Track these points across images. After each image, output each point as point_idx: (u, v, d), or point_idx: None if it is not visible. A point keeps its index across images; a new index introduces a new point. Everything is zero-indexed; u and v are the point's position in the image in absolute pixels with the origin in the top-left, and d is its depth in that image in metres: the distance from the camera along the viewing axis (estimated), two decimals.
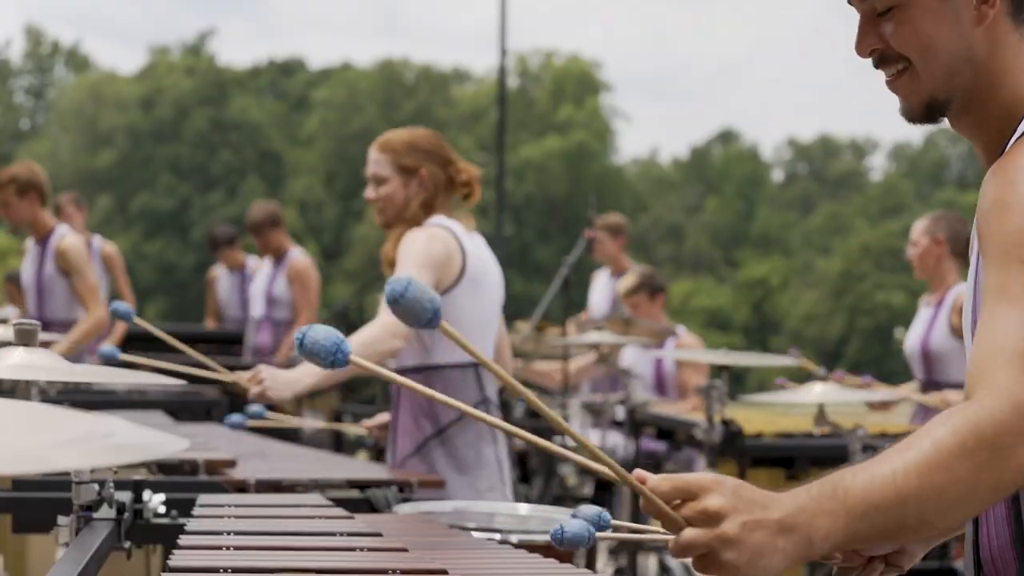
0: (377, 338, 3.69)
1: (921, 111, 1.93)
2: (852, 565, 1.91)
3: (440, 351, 3.95)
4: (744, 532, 1.52)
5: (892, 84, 1.94)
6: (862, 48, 1.94)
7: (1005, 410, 1.59)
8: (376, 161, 4.06)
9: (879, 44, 1.92)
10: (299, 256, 8.49)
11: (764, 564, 1.53)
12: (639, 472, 1.57)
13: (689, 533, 1.53)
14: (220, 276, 9.93)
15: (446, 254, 3.91)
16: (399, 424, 4.00)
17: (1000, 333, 1.67)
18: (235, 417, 4.00)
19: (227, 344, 9.02)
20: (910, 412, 5.98)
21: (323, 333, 1.59)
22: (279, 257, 8.43)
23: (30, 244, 6.96)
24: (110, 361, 3.80)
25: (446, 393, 4.01)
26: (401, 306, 1.56)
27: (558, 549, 1.74)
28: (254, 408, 3.98)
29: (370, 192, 4.10)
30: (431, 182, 4.02)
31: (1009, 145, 1.85)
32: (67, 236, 6.81)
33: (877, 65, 1.94)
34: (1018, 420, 1.58)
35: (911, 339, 5.87)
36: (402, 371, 3.92)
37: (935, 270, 5.76)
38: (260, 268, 8.76)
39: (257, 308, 8.43)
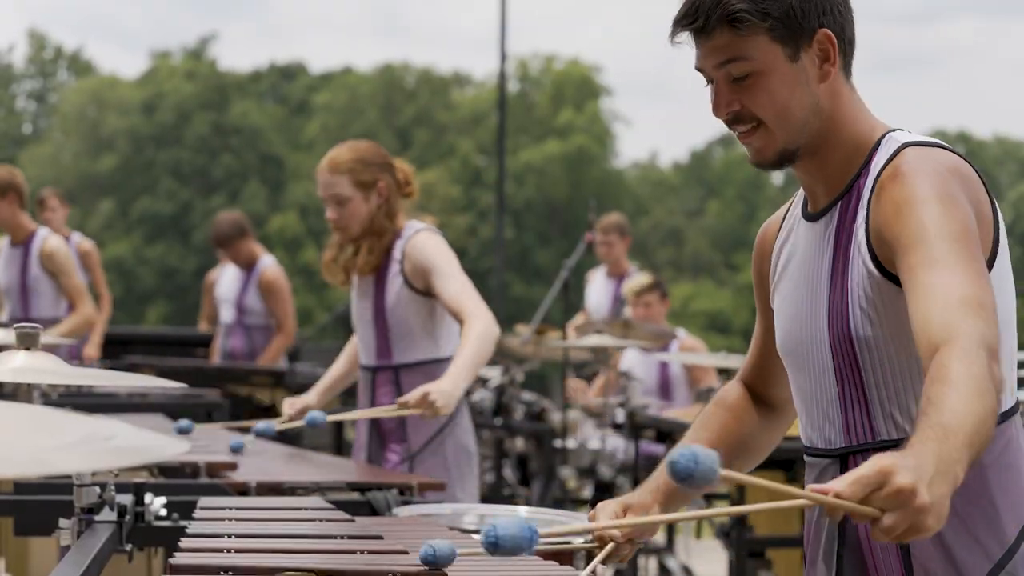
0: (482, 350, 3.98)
1: (774, 161, 2.16)
2: (612, 549, 2.22)
3: (445, 345, 4.24)
4: (933, 495, 1.63)
5: (745, 138, 2.17)
6: (720, 111, 2.16)
7: (980, 343, 1.82)
8: (332, 183, 4.23)
9: (736, 107, 2.14)
10: (270, 266, 8.28)
11: (945, 512, 1.66)
12: (816, 487, 1.67)
13: (890, 518, 1.63)
14: (219, 279, 9.89)
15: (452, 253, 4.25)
16: (408, 424, 4.22)
17: (946, 287, 1.88)
18: (261, 426, 4.09)
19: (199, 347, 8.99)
20: None
21: (514, 527, 1.80)
22: (249, 266, 8.32)
23: (4, 246, 6.96)
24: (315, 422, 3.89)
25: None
26: (693, 483, 1.61)
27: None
28: (260, 426, 4.08)
29: (331, 213, 4.26)
30: (387, 191, 4.24)
31: (875, 171, 2.09)
32: (50, 238, 6.84)
33: (731, 123, 2.16)
34: (990, 351, 1.82)
35: None
36: (412, 364, 4.22)
37: None
38: (225, 271, 8.62)
39: (227, 314, 8.34)
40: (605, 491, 6.82)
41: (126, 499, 2.51)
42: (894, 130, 2.16)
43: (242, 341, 8.24)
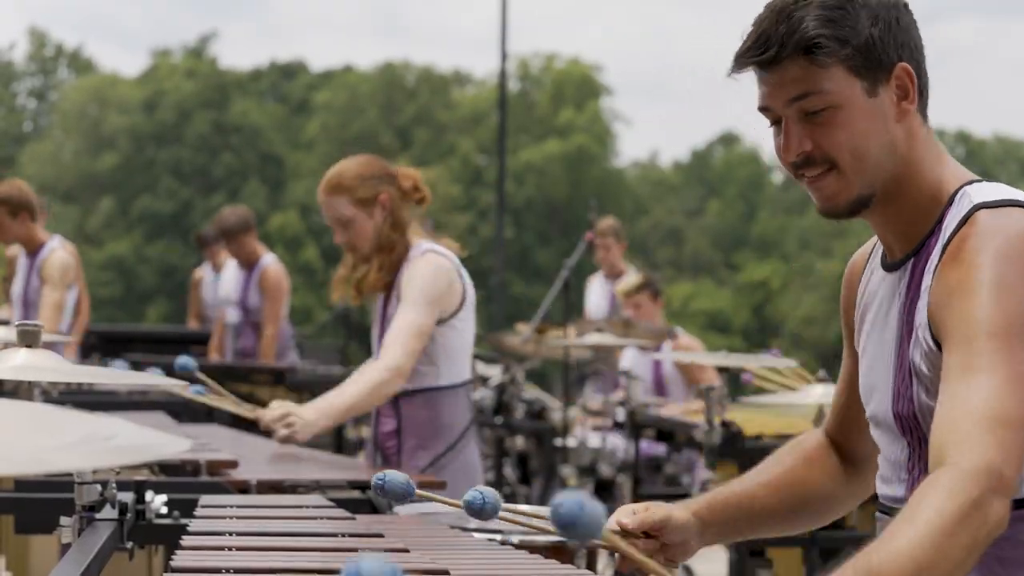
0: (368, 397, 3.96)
1: (848, 208, 2.00)
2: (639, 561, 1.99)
3: (445, 374, 4.10)
4: None
5: (815, 183, 1.99)
6: (790, 153, 1.98)
7: (980, 469, 1.70)
8: (332, 205, 4.11)
9: (809, 147, 1.97)
10: (272, 264, 8.27)
11: None
12: None
13: None
14: (205, 277, 9.90)
15: (448, 285, 4.06)
16: (403, 448, 4.11)
17: (969, 401, 1.77)
18: (183, 359, 4.10)
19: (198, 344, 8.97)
20: None
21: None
22: (251, 264, 8.28)
23: (21, 257, 7.00)
24: (184, 373, 3.94)
25: (451, 412, 4.22)
26: (574, 533, 1.52)
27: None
28: (181, 361, 4.07)
29: (338, 237, 4.15)
30: (391, 204, 4.09)
31: (945, 235, 1.95)
32: (56, 251, 6.83)
33: (800, 166, 1.98)
34: (991, 479, 1.70)
35: None
36: (411, 392, 4.07)
37: None
38: (226, 269, 8.60)
39: (233, 315, 8.32)
40: (605, 490, 6.82)
41: (127, 497, 2.51)
42: (971, 183, 2.01)
43: (253, 341, 8.23)
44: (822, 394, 4.61)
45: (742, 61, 2.00)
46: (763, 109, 2.02)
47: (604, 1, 62.79)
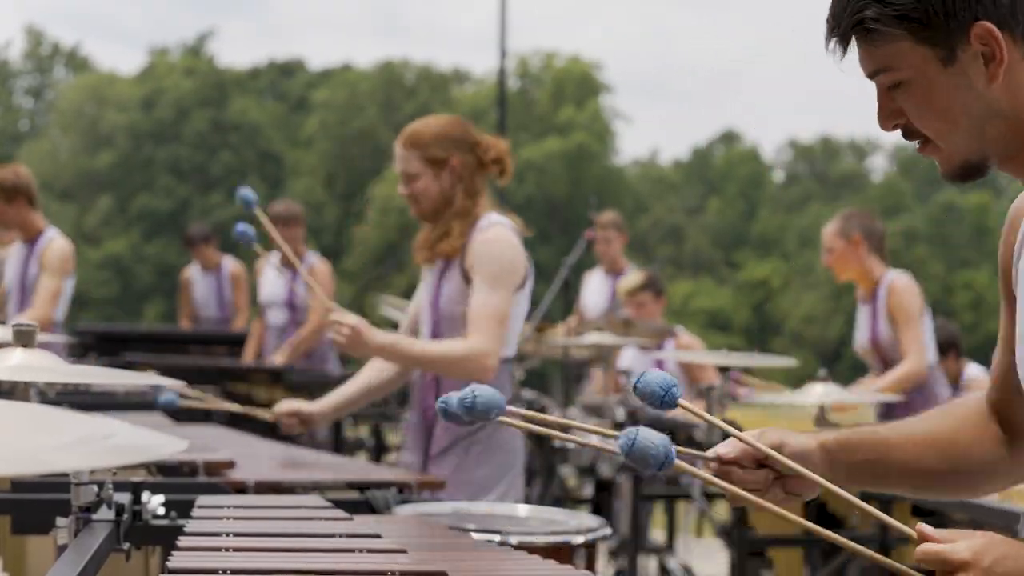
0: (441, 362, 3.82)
1: (960, 174, 1.88)
2: (749, 494, 1.88)
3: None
4: None
5: (922, 152, 1.90)
6: (885, 124, 1.90)
7: None
8: (403, 158, 4.00)
9: (900, 119, 1.88)
10: (319, 263, 8.30)
11: None
12: (921, 528, 1.66)
13: None
14: (194, 276, 9.91)
15: (521, 259, 3.95)
16: (436, 419, 3.93)
17: None
18: (168, 396, 4.02)
19: (237, 345, 8.94)
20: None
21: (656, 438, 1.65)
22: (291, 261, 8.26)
23: (16, 245, 6.93)
24: (169, 407, 3.93)
25: (493, 382, 4.06)
26: (633, 456, 1.64)
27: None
28: (167, 397, 4.00)
29: (401, 188, 4.05)
30: (463, 170, 4.00)
31: None
32: (56, 239, 6.77)
33: (905, 137, 1.90)
34: None
35: (860, 338, 6.04)
36: None
37: (860, 269, 5.90)
38: (265, 272, 8.60)
39: (278, 316, 8.31)
40: (605, 490, 6.80)
41: (124, 498, 2.50)
42: None
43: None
44: (822, 394, 4.61)
45: (827, 35, 1.89)
46: (869, 76, 1.91)
47: None
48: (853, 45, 1.88)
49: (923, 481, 2.07)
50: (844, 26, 1.85)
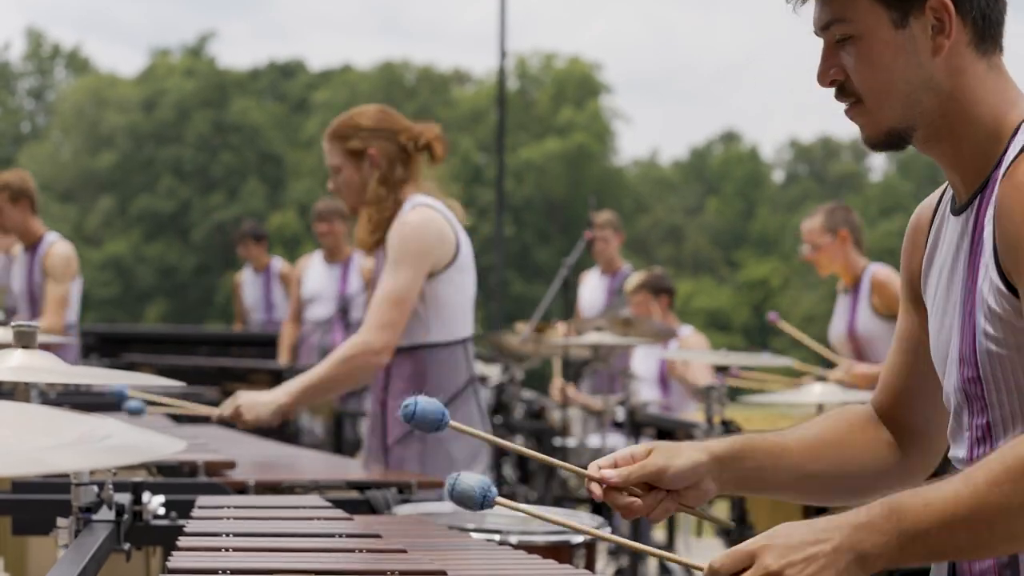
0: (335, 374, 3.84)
1: (881, 141, 1.94)
2: (636, 508, 1.97)
3: (436, 330, 3.94)
4: (799, 574, 1.64)
5: (848, 114, 1.95)
6: (823, 78, 1.94)
7: None
8: (328, 152, 4.05)
9: (840, 75, 1.92)
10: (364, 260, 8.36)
11: None
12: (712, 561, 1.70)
13: None
14: (246, 279, 9.81)
15: (439, 236, 3.92)
16: (388, 409, 3.94)
17: None
18: (133, 403, 3.98)
19: (263, 347, 8.90)
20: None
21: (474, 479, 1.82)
22: (340, 254, 8.25)
23: (19, 252, 6.97)
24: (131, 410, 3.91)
25: (440, 371, 4.02)
26: (415, 423, 1.89)
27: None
28: (133, 404, 3.96)
29: (330, 183, 4.10)
30: (382, 158, 3.98)
31: (1008, 160, 1.84)
32: (56, 243, 6.80)
33: (837, 96, 1.94)
34: None
35: (836, 327, 6.05)
36: (400, 350, 3.92)
37: (844, 262, 5.93)
38: (310, 266, 8.57)
39: (322, 310, 8.28)
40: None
41: (124, 498, 2.50)
42: None
43: (343, 338, 8.18)
44: (821, 393, 4.61)
45: None
46: (816, 33, 1.96)
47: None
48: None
49: (813, 486, 2.11)
50: None
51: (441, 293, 3.93)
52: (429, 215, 3.92)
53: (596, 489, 1.96)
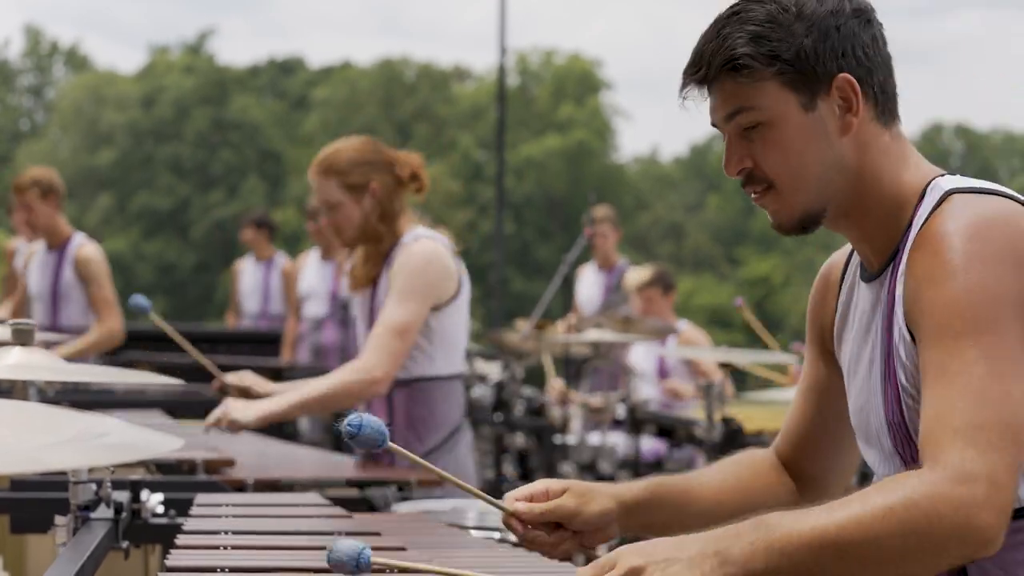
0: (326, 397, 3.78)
1: (795, 225, 1.95)
2: (540, 542, 2.03)
3: (441, 363, 3.92)
4: (662, 572, 1.69)
5: (759, 201, 1.95)
6: (732, 168, 1.94)
7: (945, 481, 1.66)
8: (321, 188, 3.93)
9: (748, 164, 1.92)
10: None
11: None
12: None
13: None
14: (245, 267, 9.77)
15: (444, 270, 3.88)
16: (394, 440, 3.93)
17: (944, 410, 1.72)
18: (138, 298, 3.93)
19: (261, 344, 8.87)
20: None
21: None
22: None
23: (39, 250, 6.84)
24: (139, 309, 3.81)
25: (444, 404, 3.98)
26: (358, 441, 1.88)
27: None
28: (138, 300, 3.92)
29: (323, 219, 4.00)
30: (383, 192, 3.90)
31: (916, 228, 1.86)
32: (86, 245, 6.75)
33: (744, 184, 1.94)
34: (960, 489, 1.66)
35: None
36: (403, 382, 3.88)
37: None
38: (307, 264, 8.53)
39: (316, 307, 8.26)
40: None
41: (123, 496, 2.50)
42: (942, 175, 1.92)
43: (336, 335, 8.15)
44: None
45: (684, 81, 1.96)
46: (713, 125, 1.97)
47: None
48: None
49: None
50: (715, 64, 1.90)
51: (446, 325, 3.90)
52: (435, 248, 3.88)
53: (518, 527, 2.02)
